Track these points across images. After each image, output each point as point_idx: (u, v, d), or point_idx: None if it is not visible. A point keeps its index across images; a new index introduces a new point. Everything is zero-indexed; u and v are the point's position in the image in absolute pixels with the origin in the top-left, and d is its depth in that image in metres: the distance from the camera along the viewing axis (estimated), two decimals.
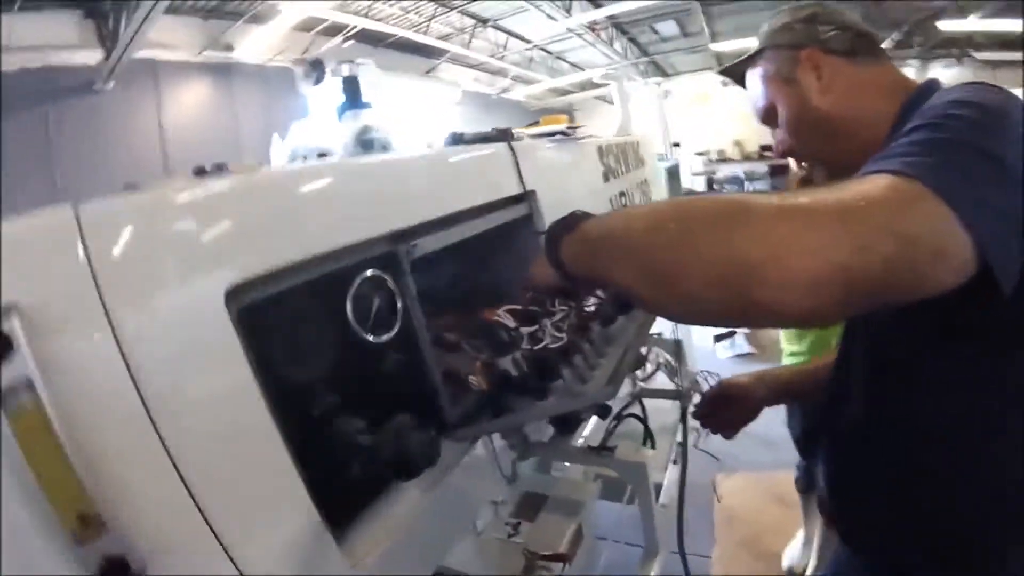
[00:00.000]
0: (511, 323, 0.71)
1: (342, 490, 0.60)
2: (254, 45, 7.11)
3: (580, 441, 1.66)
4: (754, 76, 0.91)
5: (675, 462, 2.03)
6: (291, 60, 7.53)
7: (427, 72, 9.81)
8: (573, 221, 0.68)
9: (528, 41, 10.10)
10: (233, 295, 0.53)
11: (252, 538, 0.51)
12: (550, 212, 0.96)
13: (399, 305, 0.68)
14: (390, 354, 0.68)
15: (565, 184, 1.27)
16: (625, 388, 2.11)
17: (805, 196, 0.52)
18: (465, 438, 0.73)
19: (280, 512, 0.54)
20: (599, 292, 0.79)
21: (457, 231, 0.82)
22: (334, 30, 7.58)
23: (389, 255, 0.70)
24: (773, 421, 2.06)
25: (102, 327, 0.44)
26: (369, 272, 0.66)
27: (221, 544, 0.48)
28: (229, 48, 7.11)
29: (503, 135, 1.10)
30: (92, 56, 5.89)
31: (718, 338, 5.43)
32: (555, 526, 1.51)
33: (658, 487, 1.92)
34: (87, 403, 0.43)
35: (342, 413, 0.61)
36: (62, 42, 5.71)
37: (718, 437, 2.18)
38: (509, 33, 9.74)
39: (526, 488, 1.66)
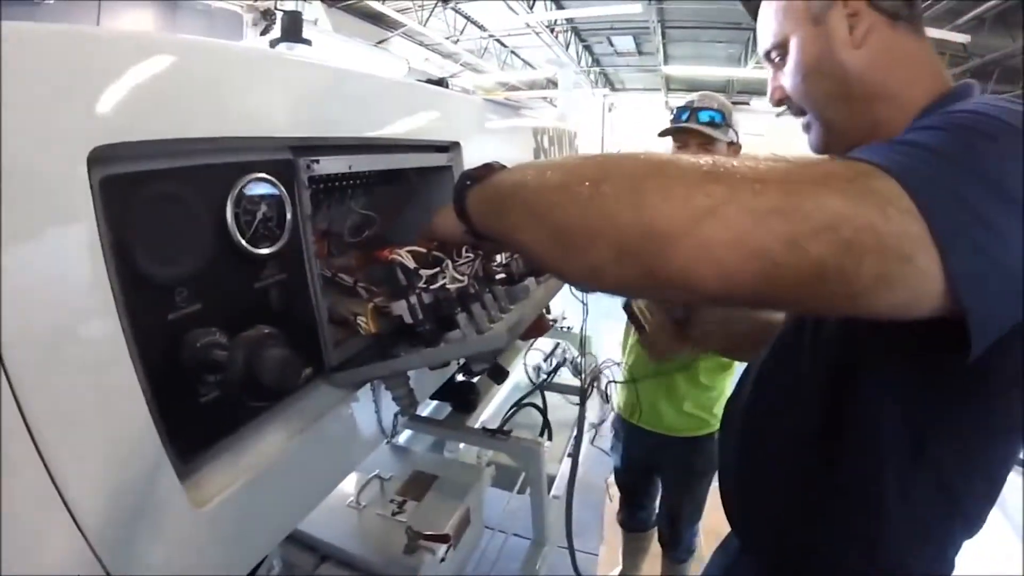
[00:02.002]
0: (410, 264, 0.65)
1: (195, 416, 0.52)
2: None
3: (478, 425, 1.61)
4: (775, 4, 0.75)
5: (571, 455, 2.02)
6: (241, 5, 7.15)
7: (378, 43, 9.51)
8: (485, 171, 0.61)
9: (484, 29, 10.01)
10: (99, 160, 0.44)
11: (74, 441, 0.42)
12: None
13: (288, 219, 0.60)
14: (271, 273, 0.59)
15: (494, 148, 1.21)
16: (526, 378, 2.08)
17: (750, 161, 0.44)
18: (344, 383, 0.65)
19: (114, 424, 0.45)
20: (504, 253, 0.73)
21: (367, 159, 0.74)
22: None
23: (286, 163, 0.62)
24: None
25: None
26: (259, 174, 0.57)
27: (35, 443, 0.39)
28: None
29: (439, 81, 1.04)
30: None
31: None
32: (442, 507, 1.46)
33: (552, 479, 1.91)
34: None
35: (203, 324, 0.52)
36: None
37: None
38: (467, 18, 9.61)
39: (417, 467, 1.60)
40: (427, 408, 1.85)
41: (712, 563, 1.06)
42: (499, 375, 1.47)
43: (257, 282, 0.59)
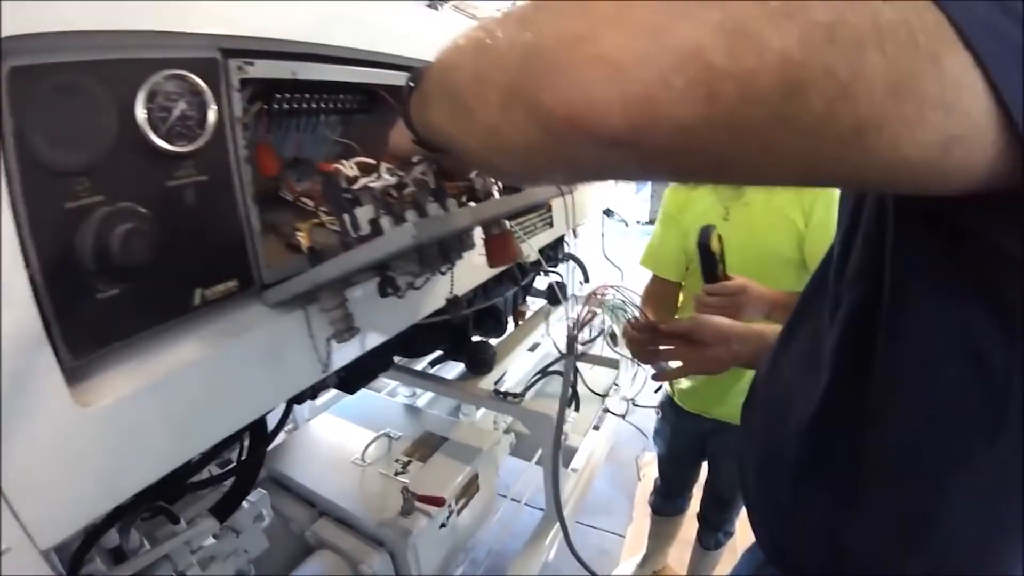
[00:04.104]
0: (352, 172, 0.58)
1: (89, 311, 0.49)
2: None
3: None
4: None
5: (596, 428, 1.93)
6: None
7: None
8: (427, 67, 0.48)
9: None
10: (9, 52, 0.41)
11: None
12: None
13: (212, 120, 0.55)
14: (187, 173, 0.54)
15: None
16: (548, 346, 1.97)
17: None
18: (272, 300, 0.59)
19: None
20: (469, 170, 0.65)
21: (318, 69, 0.67)
22: None
23: (211, 62, 0.56)
24: None
25: None
26: (178, 71, 0.53)
27: None
28: None
29: (431, 4, 0.97)
30: None
31: None
32: (446, 470, 1.40)
33: (574, 452, 1.82)
34: None
35: (107, 220, 0.48)
36: None
37: (647, 412, 2.09)
38: None
39: (429, 429, 1.55)
40: (453, 371, 1.79)
41: (740, 568, 0.87)
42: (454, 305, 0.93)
43: (170, 180, 0.54)
